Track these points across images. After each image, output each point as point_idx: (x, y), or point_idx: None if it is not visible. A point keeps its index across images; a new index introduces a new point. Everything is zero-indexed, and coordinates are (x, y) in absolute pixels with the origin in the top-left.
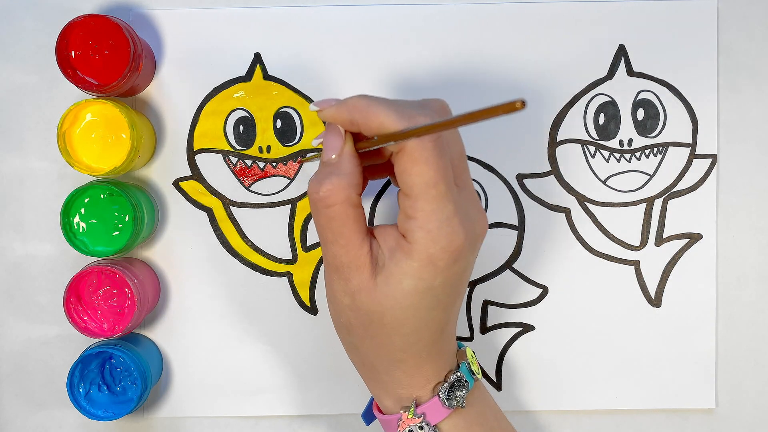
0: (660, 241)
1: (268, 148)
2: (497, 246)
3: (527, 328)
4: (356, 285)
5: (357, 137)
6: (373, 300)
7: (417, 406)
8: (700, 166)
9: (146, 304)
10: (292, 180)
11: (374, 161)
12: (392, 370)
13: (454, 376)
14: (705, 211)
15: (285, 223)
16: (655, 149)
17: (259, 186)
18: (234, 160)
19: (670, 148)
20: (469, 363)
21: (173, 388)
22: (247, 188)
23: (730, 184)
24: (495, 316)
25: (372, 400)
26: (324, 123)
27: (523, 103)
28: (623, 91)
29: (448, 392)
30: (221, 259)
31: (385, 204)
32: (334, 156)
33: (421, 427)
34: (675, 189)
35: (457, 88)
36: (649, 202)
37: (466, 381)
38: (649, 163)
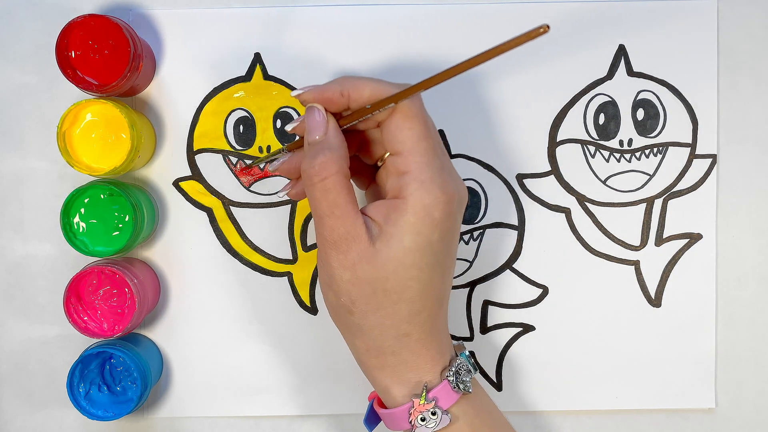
0: (660, 241)
1: (268, 148)
2: (497, 246)
3: (527, 328)
4: (356, 255)
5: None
6: (375, 266)
7: (428, 390)
8: (700, 166)
9: (146, 304)
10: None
11: (364, 158)
12: (399, 348)
13: (458, 362)
14: (705, 211)
15: (285, 223)
16: (655, 149)
17: (259, 186)
18: (234, 160)
19: (670, 148)
20: (468, 354)
21: (173, 388)
22: (247, 188)
23: (730, 184)
24: (495, 316)
25: (372, 404)
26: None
27: (548, 27)
28: (623, 91)
29: (456, 376)
30: (221, 259)
31: None
32: (318, 136)
33: (433, 413)
34: (675, 189)
35: (457, 88)
36: (649, 202)
37: (469, 367)
38: (649, 163)
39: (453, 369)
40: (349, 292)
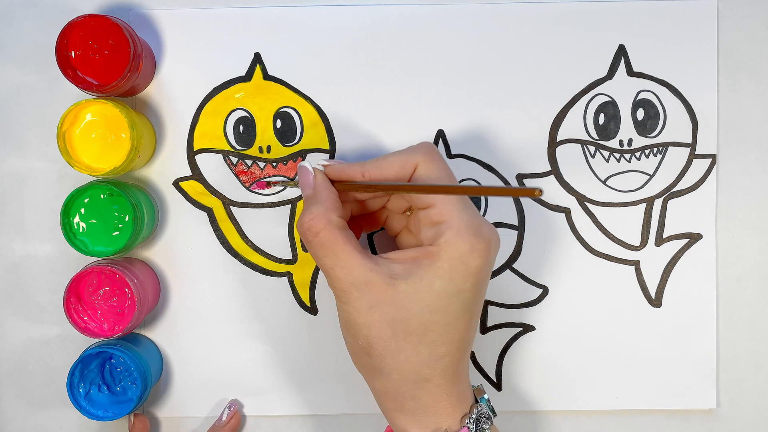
0: (660, 241)
1: (268, 148)
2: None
3: (527, 328)
4: (372, 299)
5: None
6: (397, 308)
7: None
8: (700, 166)
9: (146, 304)
10: (292, 180)
11: (367, 210)
12: (418, 393)
13: (479, 409)
14: (705, 211)
15: (285, 223)
16: (655, 149)
17: (256, 186)
18: (234, 160)
19: (670, 148)
20: (488, 398)
21: (173, 388)
22: (247, 188)
23: (730, 184)
24: (495, 316)
25: None
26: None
27: (541, 191)
28: (623, 91)
29: (476, 424)
30: (221, 259)
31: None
32: (310, 191)
33: None
34: (675, 189)
35: (457, 88)
36: (649, 202)
37: (489, 414)
38: (649, 163)
39: (474, 416)
40: (366, 336)
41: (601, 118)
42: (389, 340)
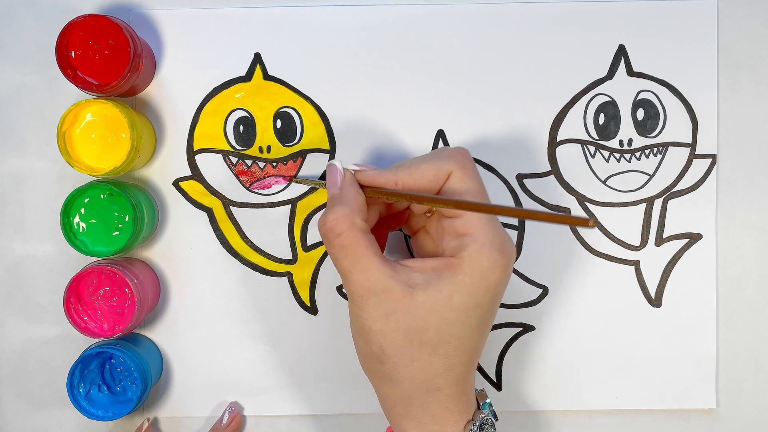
0: (660, 241)
1: (268, 148)
2: None
3: (527, 328)
4: (389, 306)
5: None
6: (414, 317)
7: None
8: (700, 166)
9: (146, 304)
10: (289, 183)
11: (393, 210)
12: (427, 400)
13: (482, 416)
14: (705, 211)
15: (285, 223)
16: (655, 149)
17: (259, 186)
18: (234, 160)
19: (670, 148)
20: (490, 403)
21: (173, 388)
22: (247, 188)
23: (730, 184)
24: (495, 316)
25: None
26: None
27: (594, 223)
28: (623, 91)
29: (480, 430)
30: (221, 259)
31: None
32: (334, 192)
33: None
34: (675, 189)
35: (457, 88)
36: (649, 202)
37: (492, 421)
38: (649, 163)
39: (477, 423)
40: (380, 343)
41: (601, 118)
42: (403, 349)
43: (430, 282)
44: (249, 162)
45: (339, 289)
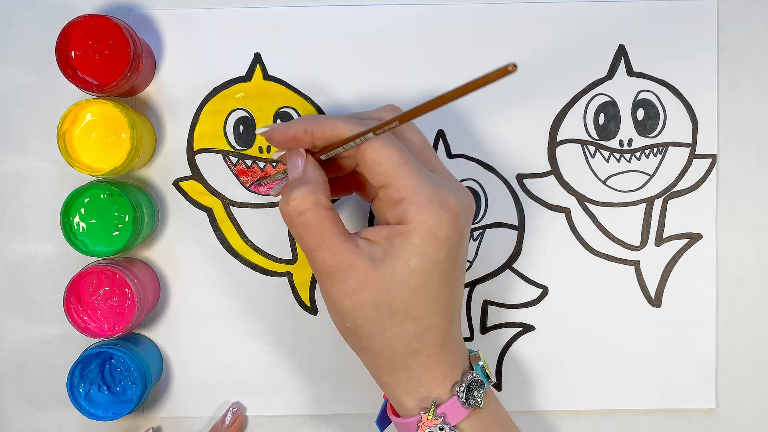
0: (660, 241)
1: (268, 148)
2: (497, 246)
3: (527, 328)
4: (355, 282)
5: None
6: (379, 289)
7: (437, 406)
8: (700, 166)
9: (146, 304)
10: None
11: (338, 173)
12: (410, 364)
13: (470, 376)
14: (705, 211)
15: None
16: (655, 149)
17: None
18: (234, 160)
19: (670, 148)
20: (483, 365)
21: (173, 388)
22: (247, 188)
23: (730, 184)
24: (495, 316)
25: (384, 405)
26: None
27: (515, 66)
28: (623, 91)
29: (467, 392)
30: (221, 259)
31: None
32: (299, 170)
33: (441, 428)
34: (675, 189)
35: None
36: (649, 202)
37: (482, 381)
38: (649, 163)
39: (464, 384)
40: (353, 318)
41: (601, 118)
42: (376, 321)
43: (387, 252)
44: (249, 162)
45: None
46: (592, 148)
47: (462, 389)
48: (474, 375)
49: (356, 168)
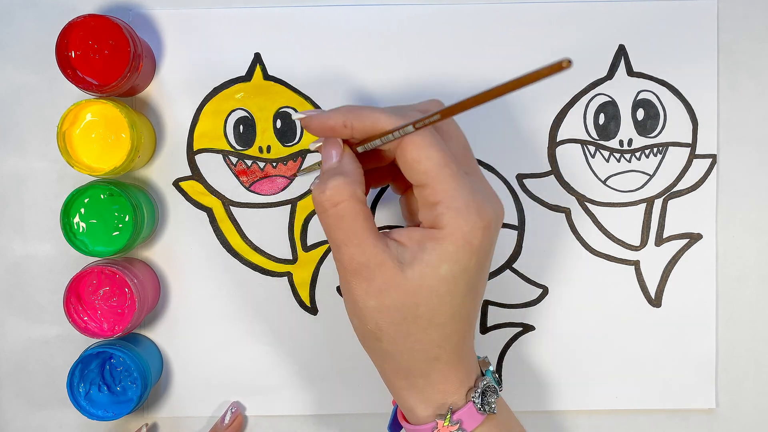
0: (660, 241)
1: (268, 148)
2: (497, 246)
3: (527, 328)
4: (382, 282)
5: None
6: (406, 293)
7: (453, 412)
8: (700, 166)
9: (146, 304)
10: (292, 180)
11: (375, 165)
12: (428, 370)
13: (484, 382)
14: (705, 211)
15: (285, 223)
16: (655, 149)
17: (259, 186)
18: (234, 160)
19: (670, 148)
20: (493, 370)
21: (173, 388)
22: (247, 188)
23: (730, 184)
24: (495, 316)
25: (395, 411)
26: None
27: (569, 62)
28: (623, 91)
29: (482, 398)
30: (221, 259)
31: (384, 207)
32: (335, 161)
33: None
34: (675, 189)
35: (457, 88)
36: (649, 202)
37: (494, 387)
38: (649, 163)
39: (479, 390)
40: (376, 320)
41: (601, 118)
42: (399, 324)
43: (416, 256)
44: (249, 162)
45: (339, 289)
46: (592, 148)
47: (477, 395)
48: (487, 381)
49: (393, 161)
